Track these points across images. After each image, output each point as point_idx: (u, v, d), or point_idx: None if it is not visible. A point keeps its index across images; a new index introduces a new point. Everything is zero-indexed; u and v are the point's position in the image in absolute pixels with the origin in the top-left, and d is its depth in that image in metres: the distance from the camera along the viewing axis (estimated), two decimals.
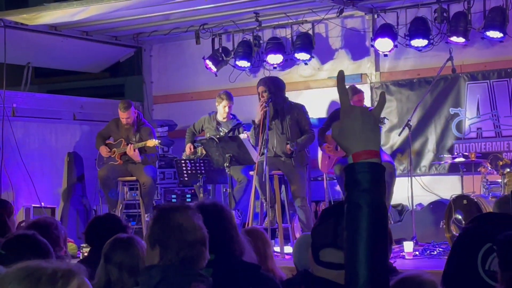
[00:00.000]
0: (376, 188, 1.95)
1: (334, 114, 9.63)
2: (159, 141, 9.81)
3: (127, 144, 9.80)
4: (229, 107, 9.78)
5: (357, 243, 1.93)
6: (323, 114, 10.64)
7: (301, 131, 9.09)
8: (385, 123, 9.32)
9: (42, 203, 10.26)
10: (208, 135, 9.60)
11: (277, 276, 4.53)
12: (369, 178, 1.95)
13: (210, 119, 9.95)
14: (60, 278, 1.80)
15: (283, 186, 8.95)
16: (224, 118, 9.83)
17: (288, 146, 8.88)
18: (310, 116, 10.11)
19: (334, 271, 2.48)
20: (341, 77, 2.05)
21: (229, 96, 9.80)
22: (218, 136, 9.20)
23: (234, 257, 3.78)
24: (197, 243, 3.20)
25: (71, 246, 8.94)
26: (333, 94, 10.70)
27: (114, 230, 4.42)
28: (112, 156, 9.94)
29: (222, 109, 9.79)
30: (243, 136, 9.20)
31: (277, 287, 3.92)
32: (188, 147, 9.96)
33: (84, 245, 9.31)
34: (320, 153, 9.83)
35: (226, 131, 9.71)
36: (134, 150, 9.67)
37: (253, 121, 9.00)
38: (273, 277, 4.13)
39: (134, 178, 9.85)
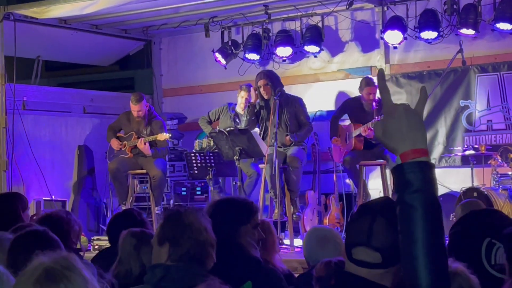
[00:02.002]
0: (428, 187, 1.91)
1: (346, 104, 9.61)
2: (170, 135, 9.80)
3: (138, 137, 9.81)
4: (246, 99, 9.77)
5: (416, 246, 1.89)
6: (332, 106, 10.63)
7: (299, 123, 9.16)
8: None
9: (53, 196, 10.30)
10: (221, 126, 9.58)
11: (278, 268, 4.53)
12: (421, 177, 1.91)
13: (229, 109, 9.90)
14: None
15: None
16: (243, 110, 9.81)
17: (288, 137, 8.97)
18: (319, 109, 10.14)
19: (365, 269, 2.48)
20: (381, 76, 2.04)
21: (249, 88, 9.80)
22: (231, 128, 9.19)
23: (236, 250, 3.80)
24: (206, 243, 3.24)
25: (82, 239, 8.96)
26: (343, 87, 10.71)
27: (134, 225, 4.50)
28: (123, 149, 9.95)
29: (240, 100, 9.79)
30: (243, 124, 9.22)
31: (280, 279, 3.93)
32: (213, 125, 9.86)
33: (94, 237, 9.38)
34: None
35: (243, 125, 9.65)
36: (145, 144, 9.68)
37: (249, 103, 9.08)
38: (275, 269, 4.14)
39: (144, 171, 9.86)
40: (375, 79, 9.64)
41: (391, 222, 2.23)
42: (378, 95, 9.92)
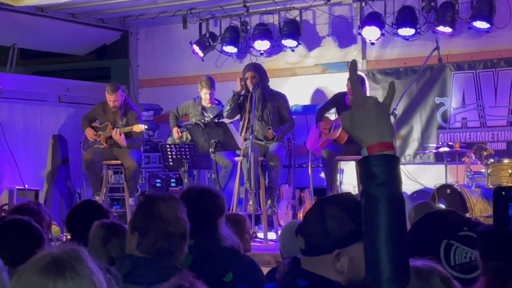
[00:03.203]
0: (393, 180, 1.93)
1: (334, 98, 9.53)
2: (146, 126, 9.77)
3: (113, 128, 9.77)
4: (210, 94, 9.78)
5: (378, 238, 1.91)
6: (308, 101, 10.65)
7: (282, 119, 9.19)
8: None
9: (26, 185, 10.23)
10: (193, 120, 9.61)
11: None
12: (386, 171, 1.93)
13: (195, 104, 9.96)
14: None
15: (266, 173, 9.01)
16: (208, 104, 9.85)
17: (270, 131, 8.98)
18: (295, 103, 10.15)
19: (303, 257, 2.46)
20: (354, 67, 2.03)
21: (210, 83, 9.77)
22: (203, 121, 9.21)
23: (214, 242, 3.79)
24: (176, 235, 3.15)
25: (54, 229, 8.92)
26: (320, 81, 10.73)
27: (95, 217, 4.43)
28: (98, 139, 9.91)
29: (204, 96, 9.82)
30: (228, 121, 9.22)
31: (257, 267, 3.94)
32: (176, 131, 9.95)
33: None
34: (312, 131, 9.71)
35: (212, 116, 9.72)
36: (120, 134, 9.64)
37: (233, 91, 9.08)
38: (252, 258, 4.15)
39: (119, 162, 9.83)
40: (347, 74, 9.65)
41: (325, 212, 2.24)
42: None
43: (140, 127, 9.59)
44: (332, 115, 9.62)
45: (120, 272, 3.08)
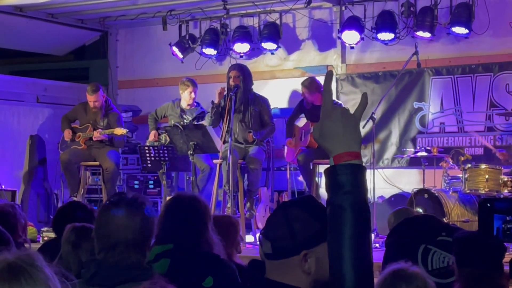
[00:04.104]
0: (358, 190, 1.95)
1: (302, 102, 9.60)
2: (127, 130, 9.71)
3: (94, 129, 9.71)
4: (195, 93, 9.78)
5: (342, 245, 1.93)
6: (287, 104, 10.66)
7: (262, 123, 9.19)
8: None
9: (3, 186, 10.15)
10: (172, 122, 9.58)
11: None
12: (352, 180, 1.95)
13: (174, 106, 9.93)
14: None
15: (245, 175, 9.01)
16: (188, 105, 9.83)
17: (251, 134, 8.98)
18: (275, 106, 10.17)
19: (268, 261, 2.46)
20: (329, 77, 2.05)
21: (194, 83, 9.81)
22: (182, 123, 9.19)
23: (194, 246, 3.78)
24: (121, 244, 3.03)
25: (31, 230, 8.87)
26: (299, 85, 10.72)
27: (80, 218, 4.41)
28: (77, 140, 9.84)
29: (188, 96, 9.78)
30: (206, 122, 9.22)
31: (235, 275, 3.93)
32: (153, 134, 9.92)
33: (44, 229, 9.27)
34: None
35: (191, 118, 9.71)
36: (102, 135, 9.60)
37: (213, 102, 9.05)
38: (232, 265, 4.14)
39: (97, 163, 9.78)
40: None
41: (289, 215, 2.25)
42: (333, 92, 9.97)
43: (121, 131, 9.54)
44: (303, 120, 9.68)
45: (86, 275, 3.05)
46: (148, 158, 9.26)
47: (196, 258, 3.71)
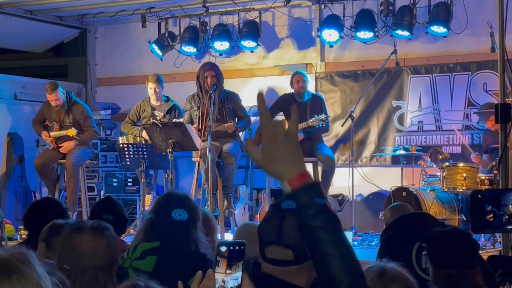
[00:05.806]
0: (324, 206, 1.92)
1: (279, 100, 9.57)
2: (76, 131, 9.51)
3: (60, 127, 9.57)
4: (158, 88, 9.65)
5: (328, 256, 1.91)
6: (266, 102, 10.65)
7: (238, 118, 9.20)
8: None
9: None
10: (145, 120, 9.54)
11: None
12: (315, 201, 1.91)
13: (145, 104, 9.85)
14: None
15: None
16: (155, 101, 9.74)
17: (232, 123, 8.97)
18: (254, 104, 10.16)
19: (279, 267, 2.49)
20: (261, 100, 1.97)
21: (155, 78, 9.66)
22: (154, 120, 9.15)
23: (181, 245, 3.78)
24: (90, 269, 3.07)
25: (8, 228, 8.83)
26: (278, 83, 10.76)
27: (53, 215, 4.35)
28: (49, 139, 9.68)
29: (152, 92, 9.66)
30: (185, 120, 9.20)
31: None
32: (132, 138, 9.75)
33: (22, 227, 9.20)
34: None
35: (162, 115, 9.64)
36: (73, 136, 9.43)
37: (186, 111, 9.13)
38: None
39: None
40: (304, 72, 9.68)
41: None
42: (312, 89, 9.99)
43: (72, 132, 9.36)
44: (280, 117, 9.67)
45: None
46: (127, 156, 9.22)
47: (183, 257, 3.70)
